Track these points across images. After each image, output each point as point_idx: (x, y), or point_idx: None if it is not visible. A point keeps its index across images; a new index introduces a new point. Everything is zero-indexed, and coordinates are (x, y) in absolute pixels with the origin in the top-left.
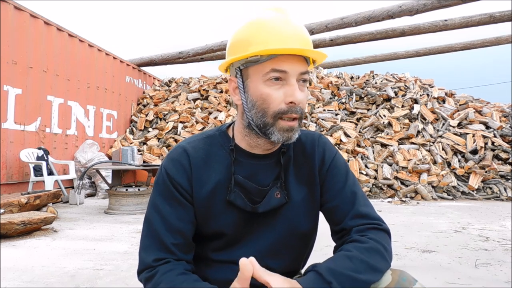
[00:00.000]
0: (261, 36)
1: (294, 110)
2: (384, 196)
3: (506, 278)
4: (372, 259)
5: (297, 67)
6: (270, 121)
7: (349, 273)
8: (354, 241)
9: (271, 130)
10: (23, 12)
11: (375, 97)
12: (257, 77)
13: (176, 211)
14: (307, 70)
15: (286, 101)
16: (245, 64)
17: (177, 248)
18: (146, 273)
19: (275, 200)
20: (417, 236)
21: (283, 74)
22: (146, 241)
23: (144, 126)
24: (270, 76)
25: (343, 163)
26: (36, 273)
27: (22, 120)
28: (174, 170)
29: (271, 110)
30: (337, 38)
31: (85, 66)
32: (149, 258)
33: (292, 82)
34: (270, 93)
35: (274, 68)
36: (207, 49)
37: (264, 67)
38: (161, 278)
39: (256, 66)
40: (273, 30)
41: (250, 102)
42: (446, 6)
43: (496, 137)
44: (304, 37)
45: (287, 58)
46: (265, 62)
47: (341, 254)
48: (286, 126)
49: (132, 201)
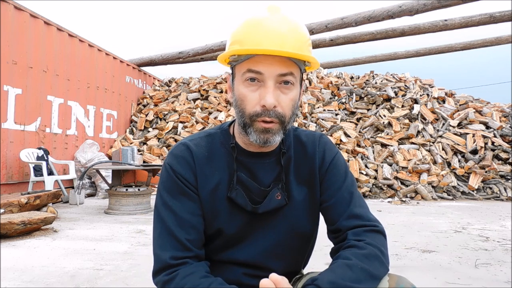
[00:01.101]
0: (240, 35)
1: (267, 113)
2: (384, 196)
3: (506, 278)
4: (372, 267)
5: (275, 68)
6: (247, 121)
7: (350, 284)
8: (352, 246)
9: (249, 130)
10: (23, 12)
11: (375, 97)
12: (239, 77)
13: (186, 206)
14: (289, 72)
15: (260, 103)
16: (231, 63)
17: (192, 244)
18: (164, 275)
19: (275, 201)
20: (417, 236)
21: (259, 75)
22: (160, 240)
23: (144, 126)
24: (246, 77)
25: (343, 164)
26: (36, 273)
27: (22, 120)
28: (179, 166)
29: (247, 112)
30: (337, 38)
31: (85, 66)
32: (166, 256)
33: (267, 85)
34: (246, 94)
35: (249, 68)
36: (207, 49)
37: (242, 67)
38: (182, 281)
39: (238, 65)
40: (253, 30)
41: (234, 101)
42: (446, 6)
43: (496, 137)
44: (287, 37)
45: (264, 59)
46: (243, 62)
47: (340, 263)
48: (261, 127)
49: (132, 201)
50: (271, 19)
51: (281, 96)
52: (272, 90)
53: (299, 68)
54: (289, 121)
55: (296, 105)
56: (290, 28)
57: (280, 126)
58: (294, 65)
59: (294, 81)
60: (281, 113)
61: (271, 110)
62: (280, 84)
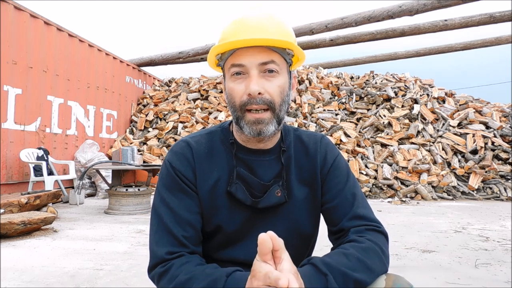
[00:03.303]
0: (221, 35)
1: (254, 101)
2: (384, 196)
3: (506, 278)
4: (369, 259)
5: (256, 58)
6: (239, 114)
7: (344, 269)
8: (351, 241)
9: (241, 123)
10: (23, 12)
11: (375, 97)
12: (227, 74)
13: (184, 203)
14: (270, 60)
15: (246, 92)
16: (219, 64)
17: (188, 240)
18: (160, 267)
19: (275, 198)
20: (417, 236)
21: (242, 68)
22: (157, 235)
23: (144, 126)
24: (232, 71)
25: (344, 165)
26: (36, 273)
27: (22, 120)
28: (178, 163)
29: (236, 104)
30: (337, 38)
31: (85, 66)
32: (162, 251)
33: (251, 74)
34: (234, 87)
35: (232, 63)
36: (207, 49)
37: (227, 64)
38: (178, 270)
39: (225, 64)
40: (231, 26)
41: (226, 98)
42: (446, 6)
43: (496, 137)
44: (265, 27)
45: (244, 52)
46: (227, 59)
47: (337, 251)
48: (252, 118)
49: (132, 201)
50: (249, 14)
51: (266, 84)
52: (255, 78)
53: (282, 58)
54: (280, 108)
55: (286, 93)
56: (267, 19)
57: (271, 115)
58: (275, 53)
59: (278, 69)
60: (268, 99)
61: (257, 97)
62: (265, 73)
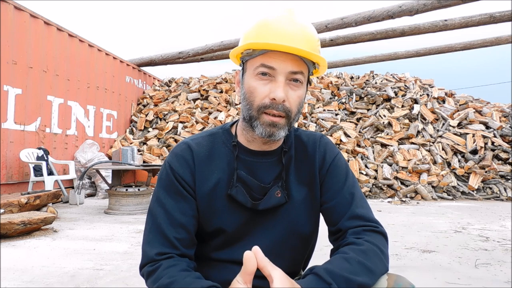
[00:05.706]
0: (256, 32)
1: (276, 106)
2: (384, 196)
3: (506, 278)
4: (369, 261)
5: (287, 65)
6: (255, 114)
7: (347, 275)
8: (350, 243)
9: (255, 123)
10: (23, 12)
11: (375, 97)
12: (250, 71)
13: (180, 205)
14: (300, 71)
15: (270, 96)
16: (244, 58)
17: (180, 242)
18: (149, 266)
19: (275, 199)
20: (417, 236)
21: (271, 71)
22: (150, 235)
23: (144, 126)
24: (259, 71)
25: (344, 164)
26: (36, 273)
27: (22, 120)
28: (178, 165)
29: (255, 104)
30: (337, 38)
31: (85, 66)
32: (152, 252)
33: (278, 79)
34: (257, 87)
35: (263, 63)
36: (207, 49)
37: (255, 61)
38: (163, 272)
39: (251, 60)
40: (269, 27)
41: (242, 94)
42: (446, 6)
43: (496, 137)
44: (301, 37)
45: (278, 55)
46: (257, 57)
47: (338, 256)
48: (269, 120)
49: (132, 201)
50: (288, 18)
51: (289, 92)
52: (282, 85)
53: (308, 69)
54: (294, 117)
55: (302, 104)
56: (303, 29)
57: (286, 122)
58: (304, 65)
59: (302, 80)
60: (288, 108)
61: (280, 104)
62: (290, 81)
